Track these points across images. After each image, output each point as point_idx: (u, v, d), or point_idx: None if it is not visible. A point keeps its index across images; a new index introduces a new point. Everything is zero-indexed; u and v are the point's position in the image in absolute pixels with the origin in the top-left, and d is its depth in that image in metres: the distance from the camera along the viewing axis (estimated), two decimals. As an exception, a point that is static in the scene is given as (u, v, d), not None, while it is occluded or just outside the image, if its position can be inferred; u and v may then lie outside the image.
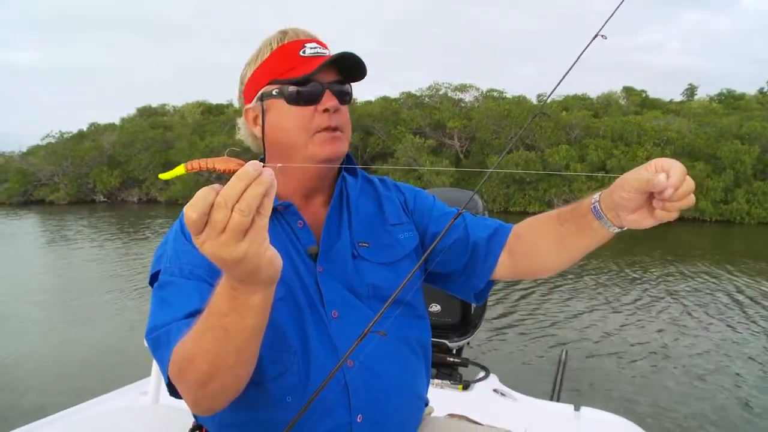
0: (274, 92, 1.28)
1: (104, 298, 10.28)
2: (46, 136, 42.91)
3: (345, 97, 1.32)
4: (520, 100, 31.03)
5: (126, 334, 7.76)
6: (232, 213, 0.79)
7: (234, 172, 0.82)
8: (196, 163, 0.86)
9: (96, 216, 27.86)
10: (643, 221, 1.12)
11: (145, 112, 46.23)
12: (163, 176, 0.91)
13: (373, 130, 32.75)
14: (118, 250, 16.50)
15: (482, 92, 35.04)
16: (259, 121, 1.33)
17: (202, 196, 0.79)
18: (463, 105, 34.52)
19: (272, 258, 0.87)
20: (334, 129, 1.28)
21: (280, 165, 1.00)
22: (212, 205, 0.79)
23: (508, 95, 34.07)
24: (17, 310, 9.59)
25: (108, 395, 2.50)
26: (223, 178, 0.85)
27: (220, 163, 0.85)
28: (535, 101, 33.14)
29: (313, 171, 1.32)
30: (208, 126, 37.95)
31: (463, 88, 35.27)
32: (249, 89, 1.33)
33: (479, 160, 28.46)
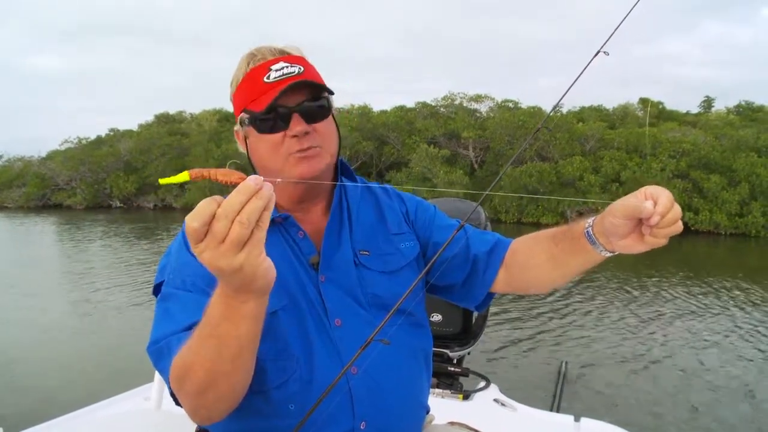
0: (246, 121, 1.31)
1: (112, 302, 10.37)
2: (65, 141, 43.34)
3: (318, 114, 1.31)
4: (535, 111, 30.92)
5: (131, 339, 7.81)
6: (232, 225, 0.82)
7: (235, 184, 0.86)
8: (199, 172, 0.90)
9: (111, 221, 28.07)
10: (634, 246, 1.15)
11: (163, 119, 46.48)
12: (164, 181, 0.94)
13: (388, 139, 32.78)
14: (131, 255, 16.61)
15: (497, 102, 34.96)
16: (245, 144, 1.37)
17: (204, 206, 0.83)
18: (478, 115, 34.46)
19: (268, 269, 0.90)
20: (307, 149, 1.28)
21: (279, 180, 1.03)
22: (213, 216, 0.83)
23: (523, 106, 33.97)
24: (26, 312, 9.69)
25: (111, 399, 2.49)
26: (225, 190, 0.88)
27: (222, 175, 0.89)
28: (551, 113, 32.80)
29: (300, 185, 1.35)
30: (225, 133, 38.08)
31: (478, 98, 35.23)
32: (234, 110, 1.36)
33: (494, 170, 28.39)
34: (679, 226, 1.08)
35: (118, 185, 36.95)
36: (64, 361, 7.14)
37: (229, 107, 1.39)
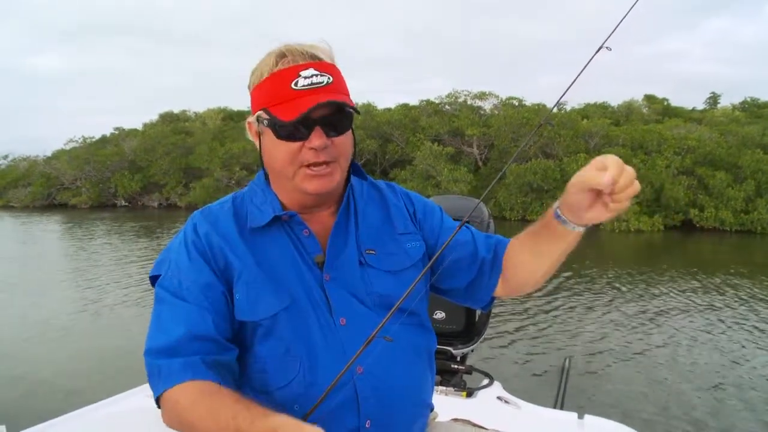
0: (265, 122, 1.27)
1: (113, 301, 10.43)
2: (70, 141, 43.51)
3: (338, 128, 1.28)
4: (539, 109, 30.88)
5: (133, 337, 7.80)
6: None
7: None
8: None
9: (116, 220, 28.16)
10: (601, 215, 1.18)
11: (167, 118, 46.58)
12: None
13: (392, 137, 32.79)
14: (134, 253, 16.72)
15: (501, 100, 34.92)
16: (258, 139, 1.34)
17: None
18: (482, 113, 34.42)
19: None
20: (322, 164, 1.26)
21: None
22: None
23: (527, 103, 33.93)
24: (28, 311, 9.76)
25: (117, 397, 2.49)
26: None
27: None
28: (554, 109, 32.81)
29: (310, 196, 1.33)
30: (229, 132, 38.20)
31: (482, 95, 35.18)
32: (251, 102, 1.33)
33: (498, 167, 28.33)
34: (636, 187, 1.11)
35: (122, 184, 37.12)
36: (66, 360, 7.16)
37: (233, 106, 1.38)
